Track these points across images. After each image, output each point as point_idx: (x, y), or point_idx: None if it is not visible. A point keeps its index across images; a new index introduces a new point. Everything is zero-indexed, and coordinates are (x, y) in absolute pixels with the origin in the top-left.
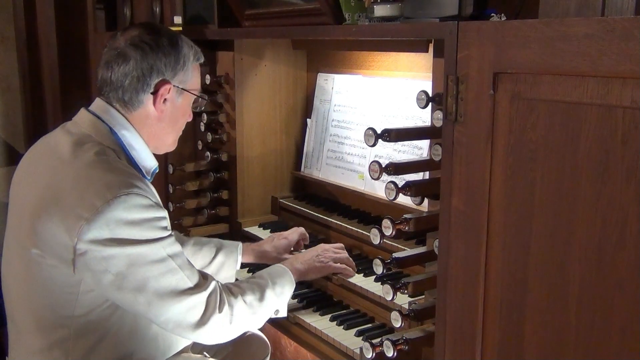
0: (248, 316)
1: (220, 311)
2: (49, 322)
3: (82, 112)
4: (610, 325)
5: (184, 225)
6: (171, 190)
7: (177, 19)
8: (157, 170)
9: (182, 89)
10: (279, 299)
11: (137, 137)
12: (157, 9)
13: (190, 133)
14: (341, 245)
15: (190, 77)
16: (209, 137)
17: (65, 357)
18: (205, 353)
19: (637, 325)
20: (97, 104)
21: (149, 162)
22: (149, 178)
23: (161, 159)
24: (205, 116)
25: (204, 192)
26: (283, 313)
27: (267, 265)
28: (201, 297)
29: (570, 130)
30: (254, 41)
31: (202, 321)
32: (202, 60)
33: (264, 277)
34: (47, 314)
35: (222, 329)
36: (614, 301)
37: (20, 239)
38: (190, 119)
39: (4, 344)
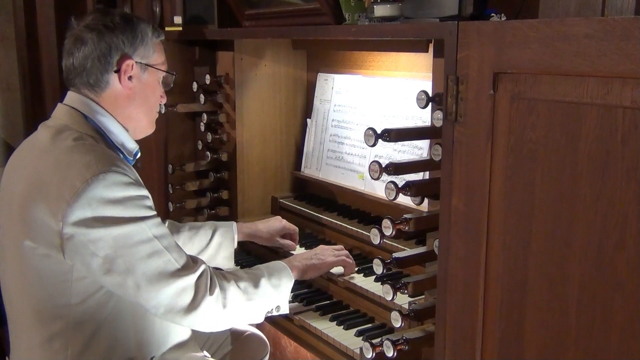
0: (243, 302)
1: (211, 293)
2: (47, 314)
3: (58, 106)
4: (610, 325)
5: None
6: (171, 190)
7: (177, 19)
8: (139, 155)
9: (145, 64)
10: (275, 290)
11: (113, 121)
12: (157, 9)
13: (190, 133)
14: (340, 247)
15: (151, 52)
16: (209, 137)
17: (65, 348)
18: (205, 352)
19: (637, 325)
20: (69, 96)
21: (128, 144)
22: (132, 159)
23: (161, 158)
24: (205, 116)
25: (204, 192)
26: (284, 309)
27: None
28: (190, 280)
29: (570, 130)
30: (254, 41)
31: (194, 305)
32: (162, 37)
33: (261, 268)
34: (45, 306)
35: (216, 314)
36: (614, 301)
37: (12, 235)
38: (163, 100)
39: (5, 343)
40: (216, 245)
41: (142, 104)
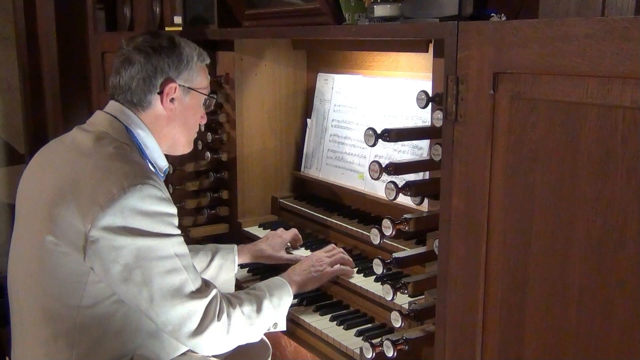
0: (245, 327)
1: (219, 319)
2: (55, 312)
3: (98, 113)
4: (610, 325)
5: (184, 225)
6: (171, 190)
7: (177, 19)
8: (167, 172)
9: (188, 87)
10: (276, 311)
11: (150, 137)
12: (157, 9)
13: None
14: (331, 246)
15: (195, 76)
16: (209, 137)
17: (70, 348)
18: None
19: (637, 325)
20: (112, 105)
21: (160, 162)
22: (162, 176)
23: None
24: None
25: (204, 192)
26: (282, 326)
27: (264, 266)
28: (202, 304)
29: (570, 130)
30: (254, 41)
31: (200, 329)
32: (207, 61)
33: (262, 289)
34: (55, 304)
35: (219, 339)
36: (614, 301)
37: (34, 228)
38: (204, 121)
39: (4, 344)
40: (217, 267)
41: (181, 124)
